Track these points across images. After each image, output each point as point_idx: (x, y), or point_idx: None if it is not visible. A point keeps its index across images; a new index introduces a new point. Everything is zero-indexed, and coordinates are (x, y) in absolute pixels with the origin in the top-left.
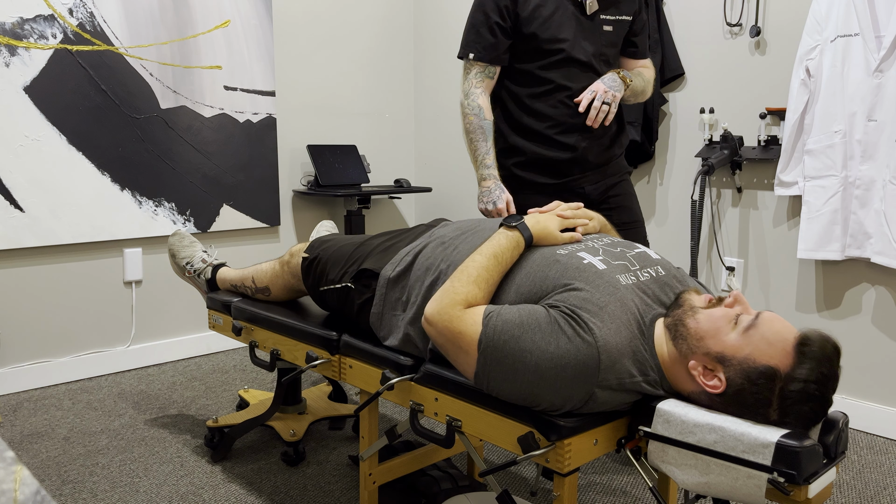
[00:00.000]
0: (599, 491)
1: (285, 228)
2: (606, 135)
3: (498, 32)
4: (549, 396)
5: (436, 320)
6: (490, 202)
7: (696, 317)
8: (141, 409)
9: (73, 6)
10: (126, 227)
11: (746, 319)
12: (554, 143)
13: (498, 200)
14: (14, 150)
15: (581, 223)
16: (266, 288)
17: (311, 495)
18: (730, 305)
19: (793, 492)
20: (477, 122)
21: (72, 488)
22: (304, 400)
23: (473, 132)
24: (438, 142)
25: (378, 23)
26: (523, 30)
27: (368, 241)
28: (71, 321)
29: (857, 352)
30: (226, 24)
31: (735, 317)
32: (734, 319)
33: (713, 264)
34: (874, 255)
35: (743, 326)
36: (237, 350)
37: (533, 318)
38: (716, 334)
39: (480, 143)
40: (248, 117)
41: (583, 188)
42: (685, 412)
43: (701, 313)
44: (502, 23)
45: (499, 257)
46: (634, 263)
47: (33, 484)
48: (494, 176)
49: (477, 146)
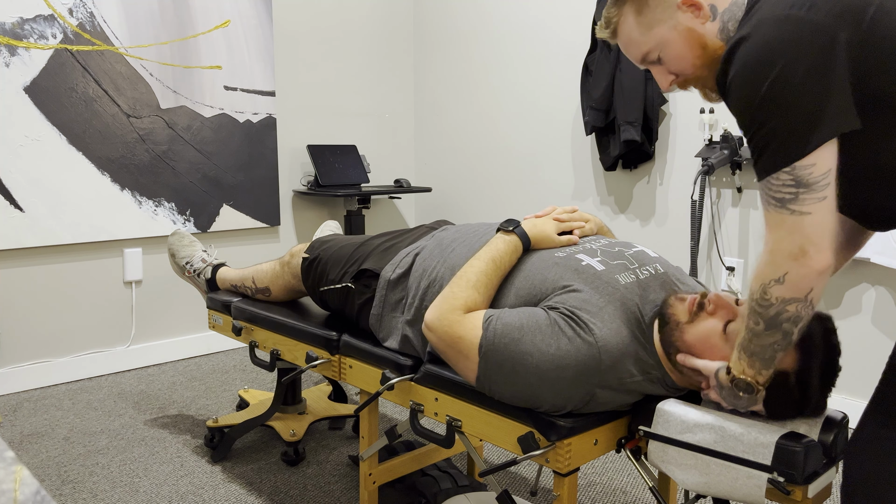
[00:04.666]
0: (599, 491)
1: (285, 228)
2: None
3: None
4: (550, 398)
5: (436, 326)
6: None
7: (685, 337)
8: (141, 409)
9: (73, 6)
10: (126, 227)
11: (735, 330)
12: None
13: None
14: (14, 150)
15: (578, 226)
16: (266, 288)
17: (311, 495)
18: (712, 313)
19: (793, 492)
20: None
21: (72, 488)
22: (304, 400)
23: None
24: (438, 142)
25: (378, 23)
26: None
27: (369, 241)
28: (71, 321)
29: (857, 352)
30: (226, 24)
31: (723, 327)
32: (723, 330)
33: (713, 264)
34: (874, 255)
35: (734, 340)
36: (237, 350)
37: (533, 320)
38: (710, 352)
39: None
40: (248, 117)
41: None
42: (685, 412)
43: (689, 332)
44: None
45: (497, 261)
46: (633, 262)
47: (33, 484)
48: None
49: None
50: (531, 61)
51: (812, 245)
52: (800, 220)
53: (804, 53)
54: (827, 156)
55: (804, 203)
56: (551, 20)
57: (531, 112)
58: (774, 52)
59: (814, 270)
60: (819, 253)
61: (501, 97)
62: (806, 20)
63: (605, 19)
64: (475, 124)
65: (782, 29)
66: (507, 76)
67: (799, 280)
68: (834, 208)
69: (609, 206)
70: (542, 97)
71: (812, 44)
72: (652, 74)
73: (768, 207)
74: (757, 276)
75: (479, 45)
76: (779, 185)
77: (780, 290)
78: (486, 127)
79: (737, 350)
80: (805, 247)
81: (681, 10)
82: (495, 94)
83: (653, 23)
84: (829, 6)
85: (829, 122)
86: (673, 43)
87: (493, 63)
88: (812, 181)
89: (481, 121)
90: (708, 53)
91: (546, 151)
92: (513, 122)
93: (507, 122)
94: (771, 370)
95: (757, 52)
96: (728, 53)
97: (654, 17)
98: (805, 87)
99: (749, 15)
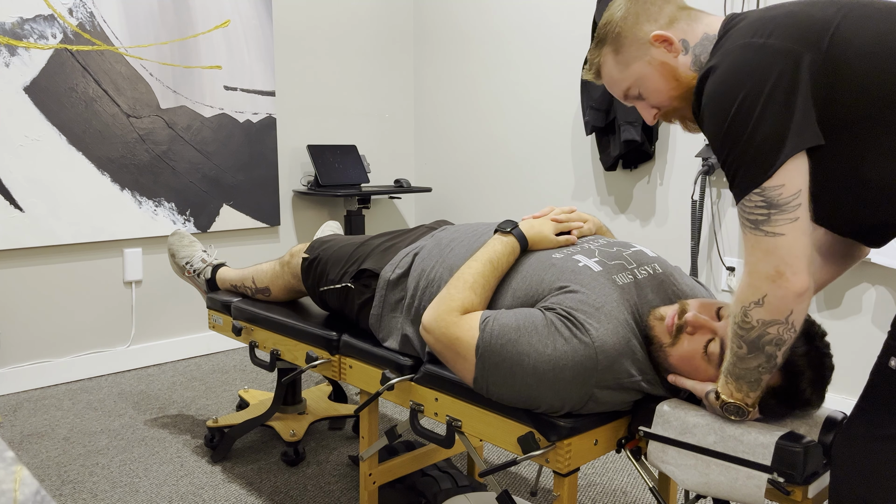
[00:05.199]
0: (599, 491)
1: (285, 228)
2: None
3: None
4: (548, 398)
5: (433, 327)
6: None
7: (670, 360)
8: (141, 409)
9: (73, 6)
10: (126, 227)
11: (716, 350)
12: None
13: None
14: (14, 150)
15: (576, 226)
16: (266, 288)
17: (311, 495)
18: (692, 333)
19: (792, 492)
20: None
21: (72, 488)
22: (304, 400)
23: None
24: (438, 142)
25: (378, 23)
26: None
27: (369, 241)
28: (71, 321)
29: (857, 352)
30: (226, 25)
31: (704, 348)
32: (704, 351)
33: (713, 264)
34: (874, 255)
35: (717, 360)
36: (237, 350)
37: (529, 320)
38: (696, 373)
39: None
40: (248, 117)
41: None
42: (685, 413)
43: (672, 354)
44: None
45: (494, 263)
46: (631, 262)
47: (33, 484)
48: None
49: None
50: (531, 61)
51: (787, 267)
52: (774, 242)
53: (766, 78)
54: (795, 176)
55: (776, 224)
56: (551, 20)
57: (531, 112)
58: (739, 78)
59: (791, 292)
60: (795, 275)
61: (501, 97)
62: (767, 46)
63: (589, 62)
64: (475, 124)
65: (745, 56)
66: (508, 76)
67: (778, 302)
68: (808, 230)
69: (609, 207)
70: (543, 97)
71: (773, 68)
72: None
73: (744, 230)
74: (737, 298)
75: (479, 45)
76: (752, 206)
77: (759, 312)
78: (487, 127)
79: (723, 374)
80: (781, 269)
81: (653, 45)
82: (495, 94)
83: (630, 60)
84: (788, 32)
85: (791, 140)
86: (649, 77)
87: (493, 63)
88: (782, 202)
89: (481, 121)
90: (682, 85)
91: (546, 151)
92: (513, 122)
93: (507, 122)
94: (759, 392)
95: (723, 80)
96: (699, 84)
97: (631, 54)
98: (768, 111)
99: (717, 46)
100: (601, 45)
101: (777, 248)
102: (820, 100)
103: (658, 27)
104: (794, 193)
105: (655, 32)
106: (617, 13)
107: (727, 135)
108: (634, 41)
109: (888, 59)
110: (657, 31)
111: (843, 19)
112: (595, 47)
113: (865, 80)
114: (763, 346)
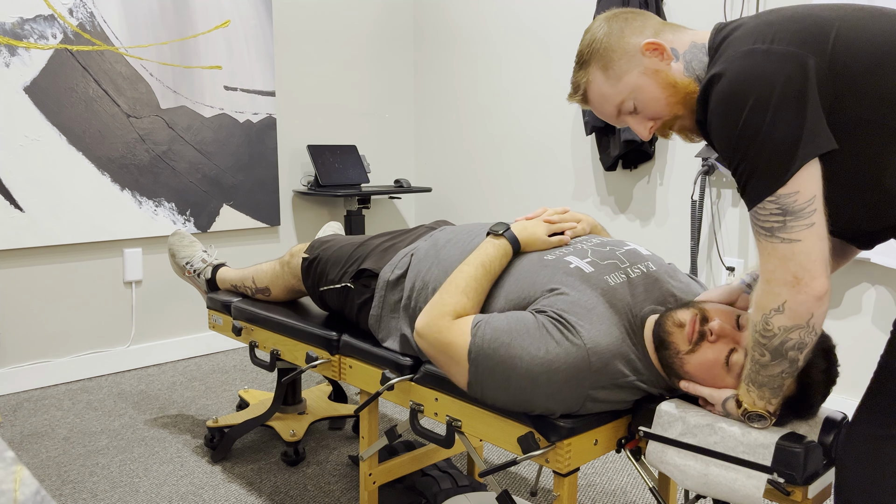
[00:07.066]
0: (599, 491)
1: (285, 228)
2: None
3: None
4: (543, 401)
5: (426, 332)
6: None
7: (686, 367)
8: (141, 409)
9: (73, 6)
10: (126, 227)
11: (739, 361)
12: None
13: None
14: (14, 150)
15: (569, 226)
16: (266, 288)
17: (311, 495)
18: (714, 342)
19: (792, 492)
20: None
21: (72, 488)
22: (304, 400)
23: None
24: (438, 142)
25: (378, 23)
26: None
27: (368, 241)
28: (71, 321)
29: (857, 352)
30: (226, 25)
31: (726, 357)
32: (725, 361)
33: (713, 264)
34: (874, 255)
35: (738, 371)
36: (237, 350)
37: (521, 324)
38: (713, 381)
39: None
40: (248, 117)
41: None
42: (685, 413)
43: (689, 362)
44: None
45: (487, 266)
46: (624, 261)
47: (33, 484)
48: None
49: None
50: (531, 61)
51: (806, 272)
52: (790, 249)
53: (774, 83)
54: (810, 182)
55: (793, 231)
56: (551, 20)
57: (531, 112)
58: (746, 84)
59: (811, 297)
60: (814, 279)
61: (501, 97)
62: (772, 51)
63: (574, 85)
64: (475, 124)
65: (751, 62)
66: (508, 76)
67: (798, 307)
68: (824, 234)
69: (609, 207)
70: (542, 97)
71: (780, 72)
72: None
73: (759, 238)
74: (757, 306)
75: (479, 45)
76: (766, 214)
77: (780, 319)
78: (486, 127)
79: (744, 383)
80: (799, 274)
81: (645, 55)
82: (495, 93)
83: (621, 74)
84: (791, 37)
85: (804, 146)
86: (645, 87)
87: (493, 63)
88: (798, 208)
89: (481, 121)
90: (679, 91)
91: (546, 151)
92: (513, 122)
93: (507, 122)
94: (780, 397)
95: (730, 86)
96: (703, 92)
97: (622, 68)
98: (778, 116)
99: (718, 53)
100: (586, 65)
101: (794, 254)
102: (829, 103)
103: (646, 38)
104: (809, 199)
105: (647, 41)
106: (599, 32)
107: (738, 143)
108: (624, 54)
109: (889, 61)
110: (647, 40)
111: (842, 23)
112: (579, 69)
113: (869, 85)
114: (786, 352)
